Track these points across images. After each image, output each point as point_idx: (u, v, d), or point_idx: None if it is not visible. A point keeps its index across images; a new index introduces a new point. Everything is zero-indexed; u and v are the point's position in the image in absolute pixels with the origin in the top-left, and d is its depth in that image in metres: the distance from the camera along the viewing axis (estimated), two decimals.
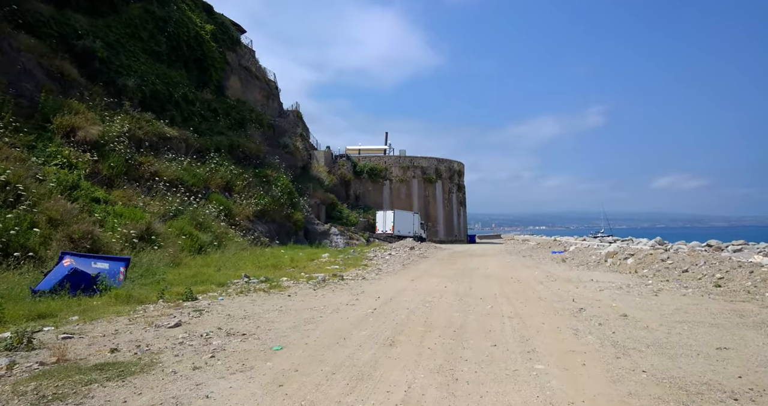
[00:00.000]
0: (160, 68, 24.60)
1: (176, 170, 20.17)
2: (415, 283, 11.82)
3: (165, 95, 24.04)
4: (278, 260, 16.40)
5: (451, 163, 49.15)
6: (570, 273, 14.27)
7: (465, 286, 11.14)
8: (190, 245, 15.86)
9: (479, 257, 23.09)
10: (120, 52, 22.36)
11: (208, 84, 28.53)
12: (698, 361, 4.50)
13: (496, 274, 14.35)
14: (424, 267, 17.17)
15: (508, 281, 12.14)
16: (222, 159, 24.29)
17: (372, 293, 9.60)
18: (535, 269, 16.19)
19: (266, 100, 35.94)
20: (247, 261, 15.54)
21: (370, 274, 14.16)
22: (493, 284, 11.47)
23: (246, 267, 14.30)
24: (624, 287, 10.49)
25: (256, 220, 25.33)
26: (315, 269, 14.96)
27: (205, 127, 26.35)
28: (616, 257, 15.77)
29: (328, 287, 10.68)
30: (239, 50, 33.11)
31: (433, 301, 8.49)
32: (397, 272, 15.25)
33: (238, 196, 24.17)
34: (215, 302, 8.39)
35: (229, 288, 10.25)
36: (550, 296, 9.15)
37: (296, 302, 8.53)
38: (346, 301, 8.54)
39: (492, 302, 8.38)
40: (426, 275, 13.89)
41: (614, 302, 8.20)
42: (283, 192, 28.55)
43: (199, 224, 18.11)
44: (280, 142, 34.17)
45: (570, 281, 12.01)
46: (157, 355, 4.60)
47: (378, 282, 12.05)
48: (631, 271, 13.96)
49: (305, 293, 9.69)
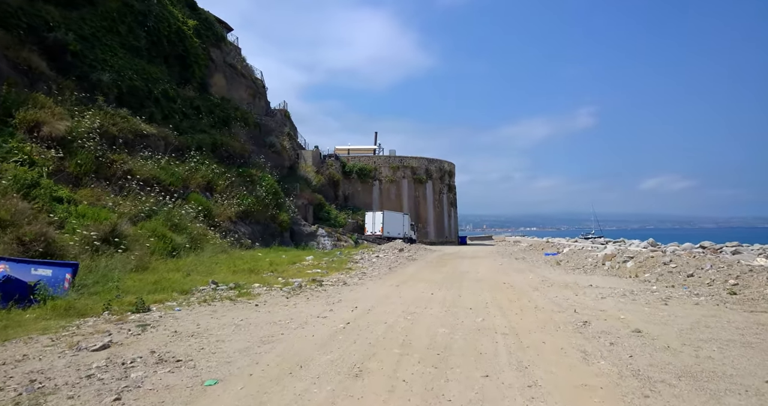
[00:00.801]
0: (138, 64, 23.36)
1: (152, 169, 18.94)
2: (400, 289, 10.74)
3: (144, 91, 22.79)
4: (256, 264, 15.26)
5: (441, 163, 48.11)
6: (566, 277, 13.27)
7: (454, 293, 10.08)
8: (162, 247, 14.66)
9: (470, 260, 22.06)
10: (95, 46, 21.10)
11: (191, 81, 27.29)
12: (750, 402, 3.47)
13: (488, 278, 13.31)
14: (411, 271, 16.10)
15: (501, 287, 11.10)
16: (203, 158, 23.10)
17: (350, 302, 8.51)
18: (528, 272, 15.19)
19: (252, 99, 34.73)
20: (223, 265, 14.39)
21: (352, 279, 13.06)
22: (485, 291, 10.42)
23: (220, 271, 13.18)
24: (628, 293, 9.48)
25: (239, 221, 24.15)
26: (294, 274, 13.84)
27: (186, 125, 25.12)
28: (615, 260, 14.79)
29: (303, 295, 9.57)
30: (224, 47, 31.89)
31: (416, 312, 7.41)
32: (382, 276, 14.17)
33: (219, 196, 22.97)
34: (169, 314, 7.25)
35: (192, 296, 9.12)
36: (548, 305, 8.11)
37: (261, 313, 7.42)
38: (318, 312, 7.44)
39: (483, 313, 7.32)
40: (412, 280, 12.82)
41: (621, 313, 7.17)
42: (268, 192, 27.37)
43: (175, 225, 16.92)
44: (267, 142, 32.99)
45: (568, 287, 10.99)
46: (45, 397, 3.47)
47: (359, 288, 10.95)
48: (631, 275, 12.98)
49: (275, 302, 8.58)
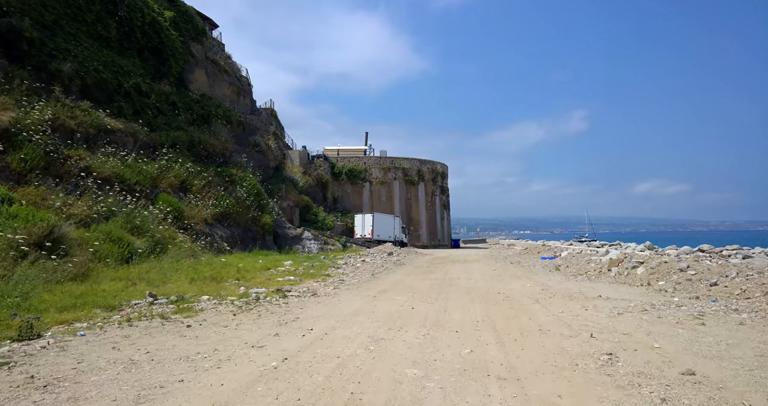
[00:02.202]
0: (107, 55, 21.50)
1: (115, 166, 17.05)
2: (377, 302, 8.93)
3: (113, 85, 20.89)
4: (222, 271, 13.43)
5: (434, 164, 46.27)
6: (569, 286, 11.50)
7: (439, 306, 8.28)
8: (116, 252, 12.80)
9: (462, 264, 20.28)
10: (57, 35, 19.23)
11: (167, 76, 25.41)
12: None
13: (481, 287, 11.52)
14: (396, 278, 14.28)
15: (495, 299, 9.31)
16: (177, 156, 21.24)
17: (307, 322, 6.69)
18: (525, 279, 13.42)
19: (237, 97, 32.90)
20: (183, 272, 12.54)
21: (326, 288, 11.23)
22: (476, 304, 8.62)
23: (176, 280, 11.35)
24: (648, 308, 7.71)
25: (216, 223, 22.28)
26: (261, 282, 12.00)
27: (161, 122, 23.24)
28: (622, 266, 13.03)
29: (255, 311, 7.74)
30: (206, 42, 30.06)
31: (385, 338, 5.60)
32: (361, 284, 12.34)
33: (194, 197, 21.10)
34: (62, 343, 5.41)
35: (117, 314, 7.28)
36: (555, 326, 6.33)
37: (185, 340, 5.60)
38: (258, 338, 5.62)
39: (472, 340, 5.53)
40: (394, 290, 11.00)
41: (653, 339, 5.40)
42: (250, 193, 25.51)
43: (136, 227, 15.06)
44: (251, 141, 31.14)
45: (573, 298, 9.22)
46: None
47: (329, 301, 9.13)
48: (642, 283, 11.23)
49: (215, 322, 6.75)
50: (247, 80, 35.07)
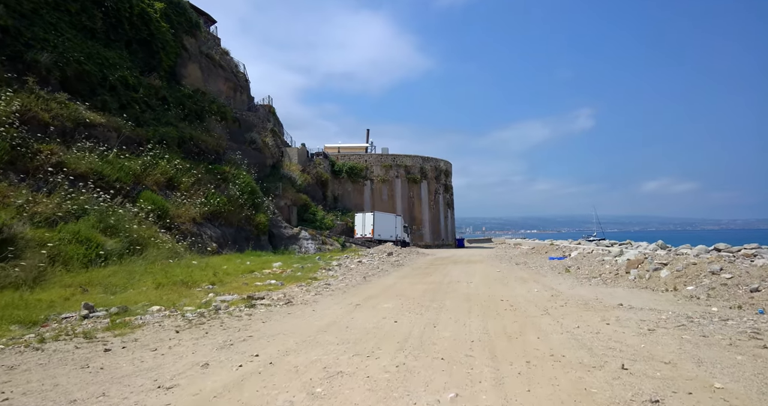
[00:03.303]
0: (92, 47, 20.25)
1: (93, 162, 15.79)
2: (357, 312, 7.50)
3: (97, 77, 19.66)
4: (198, 274, 12.08)
5: (437, 162, 44.67)
6: (583, 291, 10.00)
7: (428, 319, 6.83)
8: (82, 254, 11.50)
9: (464, 265, 18.79)
10: (36, 24, 18.00)
11: (158, 69, 24.16)
12: None
13: (481, 292, 10.05)
14: (389, 281, 12.84)
15: (497, 308, 7.85)
16: (164, 152, 19.95)
17: (257, 343, 5.27)
18: (533, 282, 11.93)
19: (233, 93, 31.62)
20: (153, 275, 11.18)
21: (307, 294, 9.82)
22: (473, 315, 7.16)
23: (140, 285, 10.01)
24: (685, 321, 6.21)
25: (206, 222, 20.98)
26: (236, 287, 10.62)
27: (149, 117, 21.99)
28: (643, 268, 11.49)
29: (206, 326, 6.34)
30: (200, 35, 28.80)
31: (345, 372, 4.17)
32: (348, 289, 10.92)
33: (182, 195, 19.80)
34: None
35: (31, 332, 5.92)
36: (572, 349, 4.88)
37: (82, 374, 4.21)
38: (177, 371, 4.21)
39: (461, 376, 4.09)
40: (383, 296, 9.56)
41: (710, 375, 3.92)
42: (243, 191, 24.19)
43: (111, 227, 13.76)
44: (247, 138, 29.85)
45: (589, 307, 7.73)
46: None
47: (302, 311, 7.72)
48: (667, 288, 9.69)
49: (144, 344, 5.36)
50: (244, 76, 33.81)
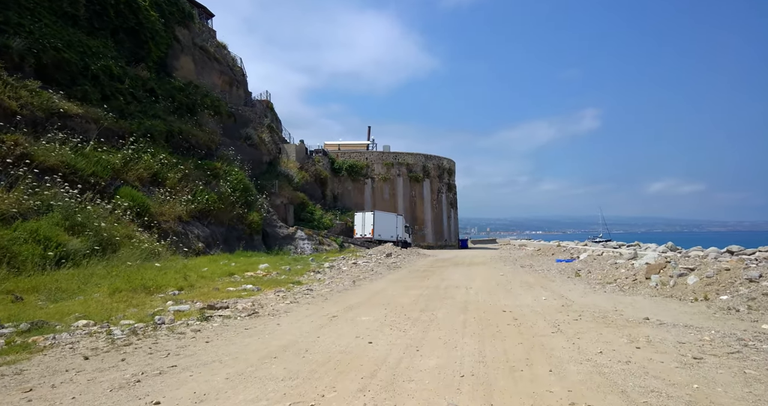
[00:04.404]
0: (73, 34, 19.07)
1: (65, 155, 14.57)
2: (327, 328, 6.14)
3: (78, 66, 18.46)
4: (167, 277, 10.74)
5: (440, 160, 43.16)
6: (598, 299, 8.57)
7: (413, 337, 5.47)
8: (38, 254, 10.25)
9: (465, 268, 17.38)
10: (10, 8, 16.82)
11: (146, 60, 22.95)
12: None
13: (481, 300, 8.66)
14: (379, 286, 11.47)
15: (498, 323, 6.46)
16: (149, 145, 18.71)
17: (174, 379, 3.92)
18: (540, 289, 10.52)
19: (229, 87, 30.37)
20: (114, 279, 9.88)
21: (280, 302, 8.47)
22: (468, 332, 5.77)
23: (96, 290, 8.73)
24: (737, 344, 4.79)
25: (193, 221, 19.73)
26: (205, 293, 9.29)
27: (135, 109, 20.75)
28: (665, 273, 10.03)
29: (128, 350, 4.98)
30: (193, 27, 27.57)
31: None
32: (331, 295, 9.55)
33: (169, 191, 18.55)
34: None
35: None
36: (598, 393, 3.49)
37: None
38: None
39: None
40: (366, 305, 8.19)
41: None
42: (235, 188, 22.93)
43: (79, 225, 12.50)
44: (242, 133, 28.59)
45: (609, 321, 6.33)
46: None
47: (263, 327, 6.36)
48: (697, 297, 8.25)
49: (23, 380, 4.04)
50: (241, 70, 32.55)
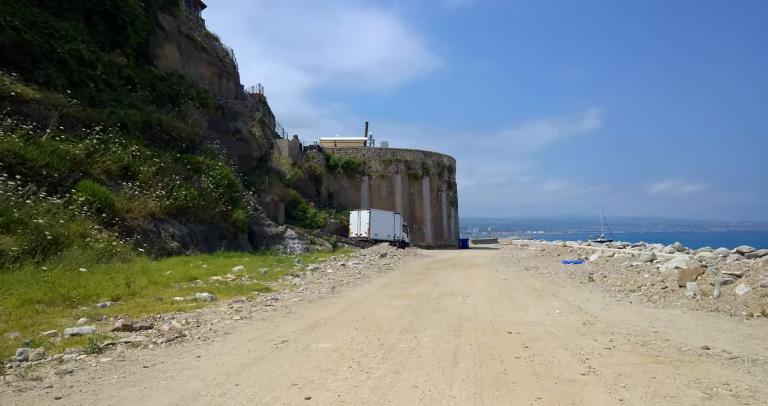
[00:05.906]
0: (38, 14, 17.31)
1: (12, 143, 12.81)
2: (259, 366, 4.25)
3: (42, 49, 16.73)
4: (104, 285, 8.87)
5: (440, 157, 41.18)
6: (626, 313, 6.65)
7: (374, 388, 3.57)
8: None
9: (464, 270, 15.47)
10: None
11: (123, 46, 21.18)
12: None
13: (480, 315, 6.76)
14: (361, 293, 9.58)
15: (502, 353, 4.57)
16: (117, 136, 16.91)
17: None
18: (551, 297, 8.61)
19: (218, 79, 28.58)
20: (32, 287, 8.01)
21: (227, 319, 6.61)
22: (460, 375, 3.86)
23: (2, 302, 6.90)
24: None
25: (169, 219, 17.95)
26: (141, 305, 7.41)
27: (108, 97, 19.01)
28: (704, 280, 8.08)
29: None
30: (178, 14, 25.78)
31: None
32: (297, 307, 7.67)
33: (141, 186, 16.76)
34: None
35: None
36: None
37: None
38: None
39: None
40: (335, 321, 6.31)
41: None
42: (219, 184, 21.16)
43: (16, 221, 10.69)
44: (231, 127, 26.78)
45: (655, 352, 4.43)
46: None
47: (173, 362, 4.48)
48: (752, 312, 6.31)
49: None
50: (232, 62, 30.77)
